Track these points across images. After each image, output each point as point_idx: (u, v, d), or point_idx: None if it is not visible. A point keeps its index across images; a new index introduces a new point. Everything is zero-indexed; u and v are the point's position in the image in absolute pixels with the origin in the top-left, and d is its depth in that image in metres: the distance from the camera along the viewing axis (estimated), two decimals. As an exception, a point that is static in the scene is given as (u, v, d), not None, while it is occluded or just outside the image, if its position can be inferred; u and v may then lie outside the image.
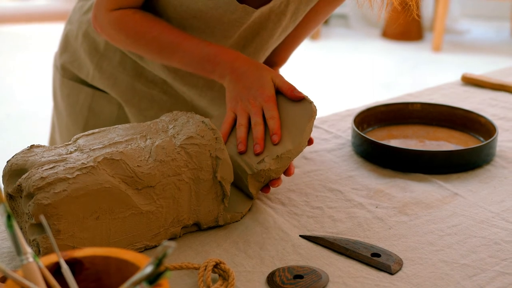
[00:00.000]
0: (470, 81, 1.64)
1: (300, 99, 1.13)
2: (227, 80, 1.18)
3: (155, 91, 1.39)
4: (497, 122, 1.42)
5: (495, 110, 1.49)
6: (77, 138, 1.02)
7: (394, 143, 1.36)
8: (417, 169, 1.24)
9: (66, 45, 1.44)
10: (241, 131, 1.13)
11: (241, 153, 1.11)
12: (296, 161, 1.27)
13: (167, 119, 1.09)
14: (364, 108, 1.42)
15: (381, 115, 1.42)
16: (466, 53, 4.56)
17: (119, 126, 1.07)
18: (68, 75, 1.43)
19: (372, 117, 1.41)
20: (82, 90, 1.42)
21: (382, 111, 1.42)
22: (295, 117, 1.12)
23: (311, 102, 1.11)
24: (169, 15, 1.25)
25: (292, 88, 1.14)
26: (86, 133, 1.04)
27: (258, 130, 1.12)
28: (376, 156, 1.27)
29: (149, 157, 1.00)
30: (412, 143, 1.36)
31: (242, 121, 1.14)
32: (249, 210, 1.10)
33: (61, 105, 1.46)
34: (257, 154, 1.09)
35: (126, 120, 1.42)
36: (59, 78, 1.45)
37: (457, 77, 1.69)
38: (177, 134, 1.04)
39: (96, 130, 1.05)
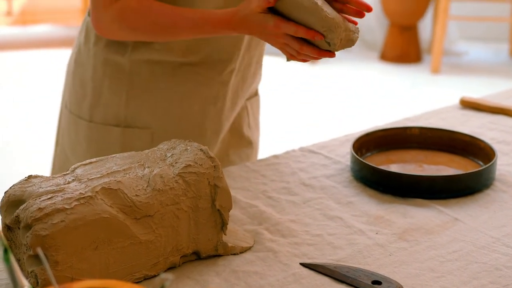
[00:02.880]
0: (468, 105, 1.65)
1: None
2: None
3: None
4: (496, 146, 1.41)
5: (494, 134, 1.49)
6: (75, 168, 1.02)
7: (393, 168, 1.36)
8: (417, 194, 1.23)
9: (85, 91, 1.41)
10: (302, 56, 1.20)
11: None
12: (296, 188, 1.27)
13: (165, 147, 1.09)
14: (362, 133, 1.42)
15: (380, 140, 1.42)
16: (465, 75, 4.57)
17: (117, 155, 1.07)
18: (98, 119, 1.41)
19: (371, 142, 1.40)
20: (111, 131, 1.39)
21: (381, 136, 1.42)
22: (299, 12, 1.16)
23: None
24: None
25: None
26: (84, 162, 1.04)
27: (308, 50, 1.17)
28: (375, 181, 1.27)
29: (147, 186, 0.99)
30: (411, 168, 1.35)
31: (291, 51, 1.20)
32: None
33: (86, 152, 1.42)
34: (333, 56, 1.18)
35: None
36: (85, 125, 1.42)
37: (456, 99, 1.69)
38: (175, 163, 1.04)
39: (94, 159, 1.05)
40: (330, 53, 1.19)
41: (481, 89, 4.30)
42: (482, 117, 1.59)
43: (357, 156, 1.30)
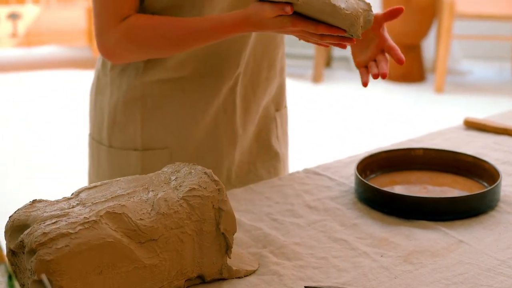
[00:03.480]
0: (472, 125, 1.64)
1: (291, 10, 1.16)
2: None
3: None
4: (500, 167, 1.41)
5: (498, 155, 1.49)
6: (79, 192, 1.02)
7: (397, 189, 1.35)
8: (421, 216, 1.23)
9: (103, 117, 1.41)
10: (320, 39, 1.20)
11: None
12: (300, 210, 1.27)
13: (169, 170, 1.09)
14: (366, 154, 1.42)
15: (384, 161, 1.42)
16: (469, 94, 4.57)
17: (122, 178, 1.07)
18: (116, 144, 1.41)
19: (375, 164, 1.40)
20: (130, 155, 1.40)
21: (385, 157, 1.42)
22: (318, 13, 1.16)
23: None
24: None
25: (282, 7, 1.16)
26: (88, 186, 1.04)
27: (324, 29, 1.17)
28: (380, 203, 1.26)
29: (151, 209, 0.99)
30: (415, 190, 1.35)
31: (308, 36, 1.20)
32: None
33: (109, 177, 1.41)
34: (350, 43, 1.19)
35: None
36: (105, 150, 1.42)
37: (461, 118, 1.69)
38: (180, 186, 1.04)
39: (99, 183, 1.05)
40: (351, 40, 1.20)
41: (485, 108, 4.30)
42: (486, 137, 1.59)
43: (361, 178, 1.30)
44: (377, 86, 4.69)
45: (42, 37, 4.78)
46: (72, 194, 1.02)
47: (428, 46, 4.96)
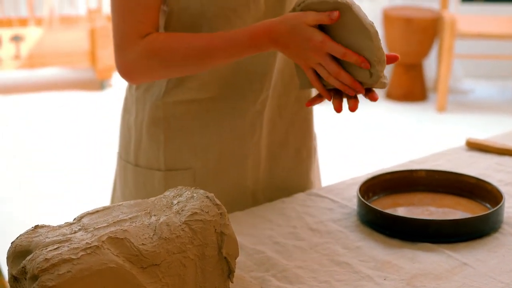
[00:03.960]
0: (475, 146, 1.64)
1: (337, 15, 1.17)
2: (278, 49, 1.24)
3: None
4: (503, 188, 1.41)
5: (501, 176, 1.49)
6: (81, 217, 1.02)
7: (400, 211, 1.35)
8: (424, 238, 1.23)
9: (130, 136, 1.42)
10: (334, 81, 1.20)
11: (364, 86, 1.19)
12: (303, 233, 1.27)
13: (172, 194, 1.09)
14: (369, 176, 1.42)
15: (386, 183, 1.41)
16: (471, 113, 4.58)
17: (124, 203, 1.07)
18: (142, 163, 1.41)
19: (377, 186, 1.40)
20: (155, 175, 1.40)
21: (387, 179, 1.42)
22: (355, 33, 1.16)
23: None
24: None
25: (328, 14, 1.17)
26: (90, 211, 1.04)
27: (344, 77, 1.18)
28: (382, 225, 1.26)
29: (153, 234, 0.99)
30: (418, 212, 1.35)
31: (324, 73, 1.20)
32: None
33: (135, 196, 1.43)
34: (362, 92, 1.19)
35: (205, 189, 1.37)
36: (132, 169, 1.43)
37: (463, 137, 1.69)
38: (182, 210, 1.04)
39: (101, 207, 1.05)
40: (361, 87, 1.19)
41: (488, 126, 4.30)
42: (489, 158, 1.59)
43: (363, 200, 1.30)
44: (379, 105, 4.70)
45: (45, 59, 4.79)
46: (74, 219, 1.02)
47: (430, 65, 4.96)
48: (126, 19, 1.27)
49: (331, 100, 1.25)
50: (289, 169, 1.47)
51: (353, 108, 1.22)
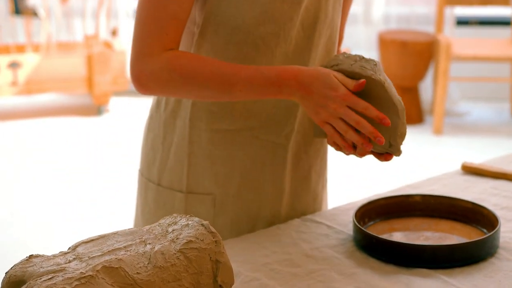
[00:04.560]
0: (470, 170, 1.65)
1: (362, 85, 1.22)
2: (298, 96, 1.25)
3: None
4: (499, 212, 1.41)
5: (497, 200, 1.49)
6: (76, 246, 1.02)
7: (396, 236, 1.35)
8: (420, 264, 1.22)
9: (155, 156, 1.42)
10: (351, 135, 1.22)
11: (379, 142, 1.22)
12: (298, 260, 1.26)
13: (167, 222, 1.09)
14: (365, 201, 1.42)
15: (382, 208, 1.41)
16: (468, 135, 4.59)
17: (119, 231, 1.07)
18: (165, 184, 1.42)
19: (373, 211, 1.40)
20: (176, 196, 1.40)
21: (383, 204, 1.42)
22: (383, 108, 1.23)
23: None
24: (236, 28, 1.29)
25: (355, 83, 1.22)
26: (85, 240, 1.04)
27: (364, 125, 1.20)
28: (378, 251, 1.26)
29: (148, 263, 0.99)
30: (414, 237, 1.35)
31: (343, 127, 1.23)
32: None
33: (153, 215, 1.44)
34: (382, 143, 1.21)
35: (223, 215, 1.40)
36: (154, 188, 1.43)
37: (460, 159, 1.69)
38: (177, 238, 1.04)
39: (96, 236, 1.05)
40: (382, 136, 1.22)
41: (485, 149, 4.30)
42: (485, 182, 1.59)
43: (359, 226, 1.30)
44: (376, 129, 4.69)
45: (42, 85, 4.81)
46: (69, 248, 1.02)
47: (426, 88, 4.98)
48: (152, 28, 1.25)
49: (354, 150, 1.28)
50: (307, 204, 1.49)
51: (363, 153, 1.28)
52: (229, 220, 1.41)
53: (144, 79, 1.26)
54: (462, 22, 5.12)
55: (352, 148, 1.26)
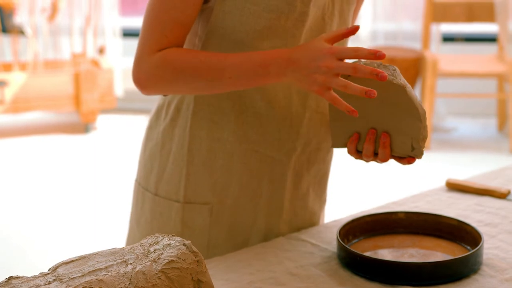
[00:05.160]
0: (454, 187, 1.65)
1: (355, 29, 1.20)
2: (290, 72, 1.22)
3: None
4: (482, 229, 1.41)
5: (480, 216, 1.49)
6: (57, 267, 1.01)
7: (380, 254, 1.35)
8: (405, 281, 1.22)
9: (153, 165, 1.42)
10: (353, 87, 1.17)
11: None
12: (282, 278, 1.26)
13: (149, 242, 1.09)
14: (349, 219, 1.42)
15: (367, 225, 1.41)
16: (454, 151, 4.60)
17: (100, 252, 1.06)
18: (162, 193, 1.42)
19: (357, 228, 1.40)
20: (173, 206, 1.41)
21: (367, 221, 1.42)
22: (405, 113, 1.25)
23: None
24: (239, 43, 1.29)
25: (344, 27, 1.23)
26: (65, 260, 1.03)
27: (361, 68, 1.16)
28: (362, 269, 1.26)
29: (129, 283, 0.98)
30: (398, 254, 1.35)
31: (342, 82, 1.16)
32: None
33: (149, 225, 1.44)
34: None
35: (219, 225, 1.40)
36: (151, 198, 1.44)
37: (447, 175, 1.70)
38: (158, 258, 1.03)
39: (76, 257, 1.04)
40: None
41: (471, 164, 4.32)
42: (468, 199, 1.59)
43: (343, 244, 1.30)
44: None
45: (29, 104, 4.80)
46: (49, 269, 1.01)
47: (413, 104, 5.00)
48: (153, 32, 1.28)
49: (375, 157, 1.31)
50: (304, 221, 1.49)
51: (385, 159, 1.31)
52: (225, 230, 1.41)
53: (142, 79, 1.29)
54: (448, 38, 5.16)
55: (373, 155, 1.29)
